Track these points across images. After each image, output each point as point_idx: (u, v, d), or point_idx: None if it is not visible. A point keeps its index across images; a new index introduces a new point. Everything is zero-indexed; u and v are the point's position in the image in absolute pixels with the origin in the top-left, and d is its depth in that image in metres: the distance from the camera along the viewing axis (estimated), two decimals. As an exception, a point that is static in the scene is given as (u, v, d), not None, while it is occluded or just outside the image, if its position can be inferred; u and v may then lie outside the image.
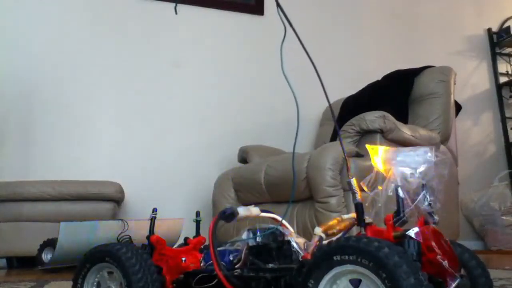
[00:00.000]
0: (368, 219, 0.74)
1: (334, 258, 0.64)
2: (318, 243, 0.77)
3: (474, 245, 3.37)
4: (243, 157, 2.79)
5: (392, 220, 0.72)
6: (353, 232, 0.78)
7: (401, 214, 0.72)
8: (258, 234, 0.90)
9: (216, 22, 3.29)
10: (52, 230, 2.09)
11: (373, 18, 3.68)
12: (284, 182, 2.14)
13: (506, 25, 3.97)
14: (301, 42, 0.79)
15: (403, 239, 0.69)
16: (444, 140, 2.49)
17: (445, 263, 0.67)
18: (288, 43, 0.84)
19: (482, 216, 3.33)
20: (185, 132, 3.09)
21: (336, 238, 0.79)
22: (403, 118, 2.47)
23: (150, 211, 1.06)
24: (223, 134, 3.14)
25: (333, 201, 1.92)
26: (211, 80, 3.20)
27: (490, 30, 3.99)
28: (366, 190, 0.75)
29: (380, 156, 0.76)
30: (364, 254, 0.61)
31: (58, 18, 3.00)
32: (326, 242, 0.72)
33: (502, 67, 3.96)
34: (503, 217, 3.23)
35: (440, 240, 0.70)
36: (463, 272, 0.78)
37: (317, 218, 1.96)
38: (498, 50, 3.96)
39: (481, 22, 3.99)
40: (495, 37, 3.97)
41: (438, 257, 0.67)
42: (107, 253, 0.89)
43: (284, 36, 0.81)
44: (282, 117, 3.19)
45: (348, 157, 1.96)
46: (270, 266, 0.85)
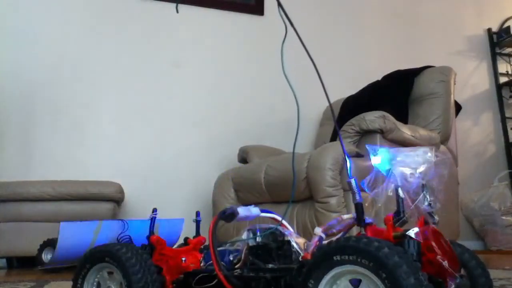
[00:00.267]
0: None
1: (334, 258, 0.64)
2: (318, 243, 0.77)
3: (474, 245, 3.37)
4: (243, 157, 2.79)
5: (392, 220, 0.72)
6: (353, 232, 0.78)
7: (401, 214, 0.72)
8: (258, 234, 0.90)
9: (216, 22, 3.29)
10: (52, 230, 2.08)
11: (374, 17, 3.68)
12: (284, 182, 2.13)
13: (506, 25, 3.97)
14: (302, 42, 0.79)
15: (403, 239, 0.69)
16: (444, 140, 2.49)
17: (445, 263, 0.67)
18: (289, 43, 0.84)
19: (482, 216, 3.33)
20: (185, 132, 3.09)
21: (336, 238, 0.79)
22: (403, 118, 2.47)
23: (150, 211, 1.06)
24: (223, 134, 3.14)
25: (333, 201, 1.92)
26: (211, 80, 3.20)
27: (490, 30, 3.99)
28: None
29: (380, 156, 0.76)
30: (364, 254, 0.61)
31: (59, 18, 3.00)
32: (326, 242, 0.72)
33: (502, 67, 3.96)
34: (503, 217, 3.23)
35: (440, 240, 0.71)
36: (463, 272, 0.78)
37: (317, 218, 1.95)
38: (498, 50, 3.96)
39: (481, 22, 3.99)
40: (495, 37, 3.97)
41: (438, 257, 0.67)
42: (107, 253, 0.89)
43: (285, 36, 0.81)
44: (282, 117, 3.19)
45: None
46: (270, 266, 0.85)
